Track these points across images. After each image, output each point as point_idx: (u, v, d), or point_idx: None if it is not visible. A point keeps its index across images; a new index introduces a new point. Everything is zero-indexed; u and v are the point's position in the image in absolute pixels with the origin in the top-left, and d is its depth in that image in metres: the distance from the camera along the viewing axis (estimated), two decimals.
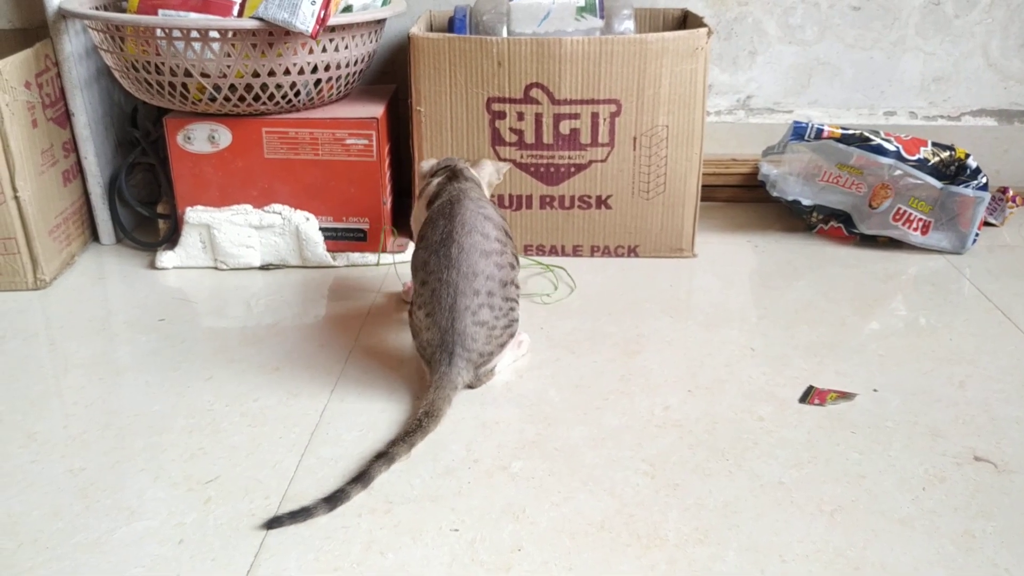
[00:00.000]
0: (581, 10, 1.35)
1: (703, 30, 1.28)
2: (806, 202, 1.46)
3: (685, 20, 1.49)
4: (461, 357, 0.97)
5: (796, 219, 1.52)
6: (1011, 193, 1.56)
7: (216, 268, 1.35)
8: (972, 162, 1.40)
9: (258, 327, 1.19)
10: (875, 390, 1.03)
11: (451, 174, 1.10)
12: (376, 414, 0.98)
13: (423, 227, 1.04)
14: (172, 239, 1.37)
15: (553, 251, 1.39)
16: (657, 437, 0.94)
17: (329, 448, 0.92)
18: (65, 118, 1.35)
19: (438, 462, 0.90)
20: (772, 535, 0.80)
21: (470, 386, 1.01)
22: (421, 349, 1.01)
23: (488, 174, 1.17)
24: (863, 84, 1.61)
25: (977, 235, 1.42)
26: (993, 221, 1.53)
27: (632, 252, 1.39)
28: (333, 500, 0.83)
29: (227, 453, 0.92)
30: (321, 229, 1.34)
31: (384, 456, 0.88)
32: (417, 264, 1.02)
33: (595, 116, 1.31)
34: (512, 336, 1.03)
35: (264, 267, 1.35)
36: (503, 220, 1.05)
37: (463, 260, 0.97)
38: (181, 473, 0.88)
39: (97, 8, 1.34)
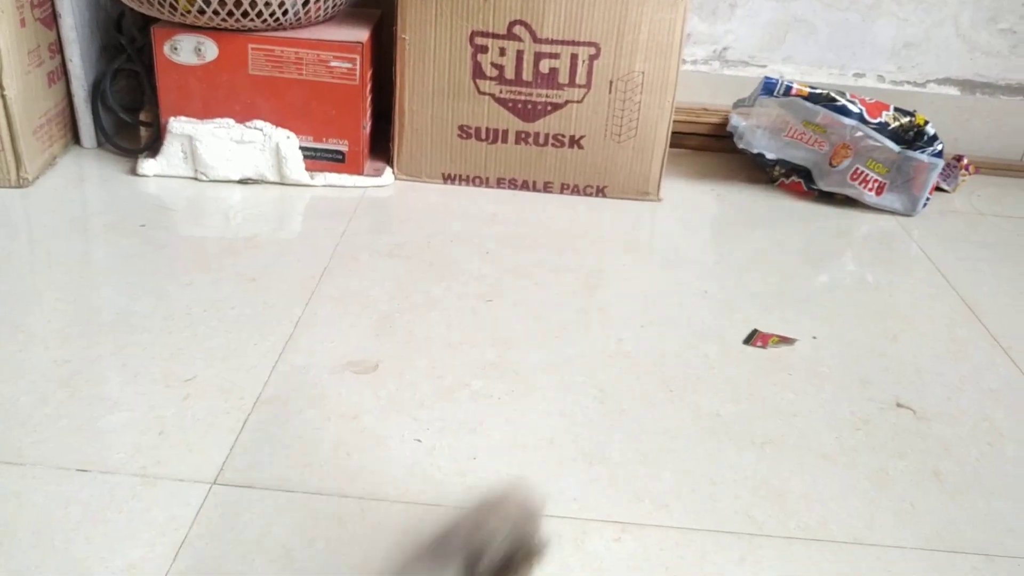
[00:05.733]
0: None
1: None
2: (770, 156, 1.52)
3: None
4: None
5: (759, 171, 1.58)
6: (965, 161, 1.63)
7: (196, 179, 1.38)
8: (930, 129, 1.46)
9: (236, 239, 1.23)
10: (814, 337, 1.11)
11: None
12: (347, 329, 1.04)
13: None
14: (154, 147, 1.40)
15: (525, 186, 1.44)
16: (609, 366, 1.01)
17: (302, 357, 0.98)
18: (52, 19, 1.36)
19: (403, 376, 0.96)
20: (706, 461, 0.88)
21: None
22: None
23: None
24: (836, 44, 1.66)
25: (928, 199, 1.49)
26: (946, 187, 1.60)
27: (600, 192, 1.45)
28: None
29: (204, 355, 0.97)
30: (301, 148, 1.38)
31: None
32: None
33: (574, 57, 1.35)
34: None
35: (243, 181, 1.39)
36: None
37: None
38: (160, 371, 0.94)
39: None
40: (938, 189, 1.58)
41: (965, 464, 0.91)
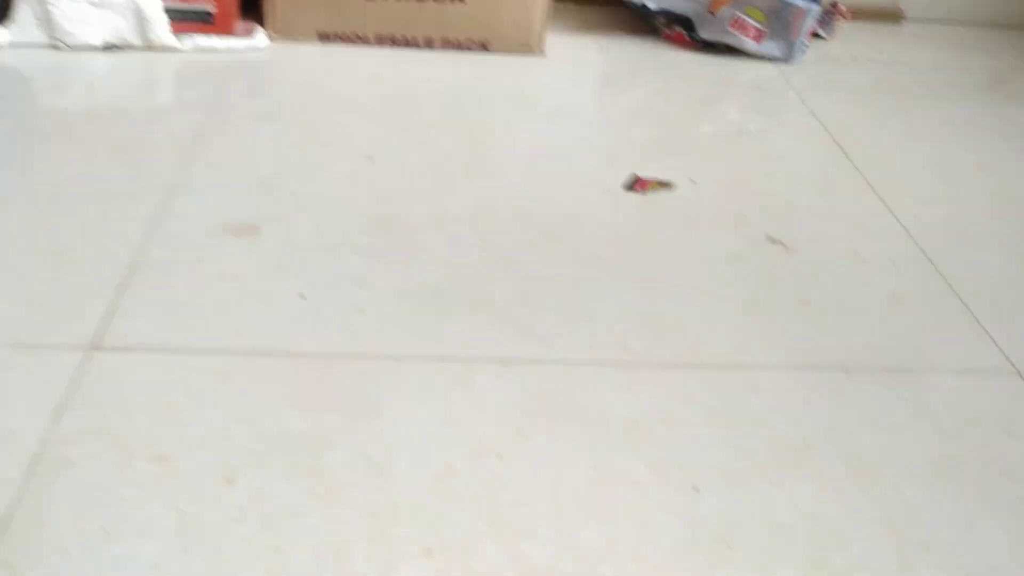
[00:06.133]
0: None
1: None
2: (652, 6, 1.52)
3: None
4: None
5: (643, 23, 1.57)
6: (841, 7, 1.65)
7: (54, 47, 1.30)
8: None
9: (102, 109, 1.17)
10: (693, 181, 1.14)
11: None
12: (224, 193, 1.01)
13: None
14: (3, 14, 1.30)
15: (406, 43, 1.41)
16: (492, 218, 1.02)
17: (178, 222, 0.96)
18: None
19: (285, 236, 0.95)
20: (587, 300, 0.90)
21: None
22: None
23: None
24: None
25: (806, 46, 1.52)
26: (823, 34, 1.63)
27: (483, 47, 1.42)
28: None
29: (75, 225, 0.94)
30: (165, 10, 1.30)
31: None
32: None
33: None
34: None
35: (106, 47, 1.31)
36: None
37: None
38: (29, 243, 0.90)
39: None
40: (816, 36, 1.61)
41: (828, 290, 0.96)
